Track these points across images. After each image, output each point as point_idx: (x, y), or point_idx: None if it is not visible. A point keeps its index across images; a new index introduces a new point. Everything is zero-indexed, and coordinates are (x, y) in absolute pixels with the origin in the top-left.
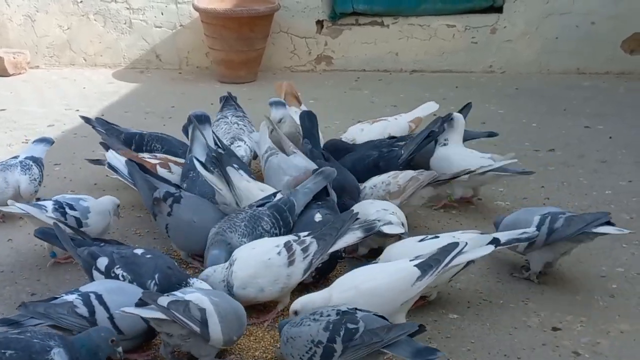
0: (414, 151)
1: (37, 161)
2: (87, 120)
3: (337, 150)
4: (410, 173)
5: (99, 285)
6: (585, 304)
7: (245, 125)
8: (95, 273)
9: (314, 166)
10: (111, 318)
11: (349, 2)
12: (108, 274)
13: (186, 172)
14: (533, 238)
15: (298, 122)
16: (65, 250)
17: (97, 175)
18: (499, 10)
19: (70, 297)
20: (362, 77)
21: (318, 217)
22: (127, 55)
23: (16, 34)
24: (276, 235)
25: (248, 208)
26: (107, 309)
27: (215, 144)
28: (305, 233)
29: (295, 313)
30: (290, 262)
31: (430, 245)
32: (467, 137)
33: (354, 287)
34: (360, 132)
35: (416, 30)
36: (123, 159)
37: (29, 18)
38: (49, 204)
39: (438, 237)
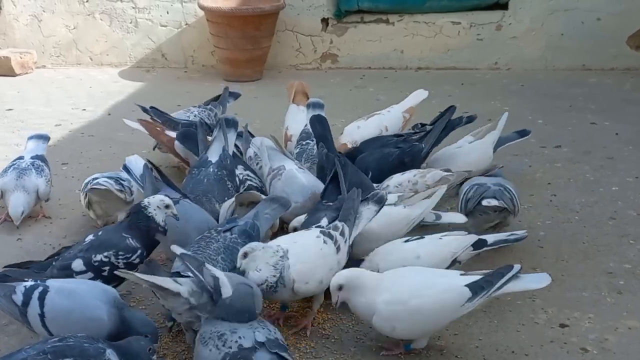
0: (433, 144)
1: (45, 160)
2: (144, 109)
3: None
4: (439, 173)
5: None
6: (593, 300)
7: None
8: None
9: (320, 186)
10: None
11: (354, 0)
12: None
13: (192, 169)
14: (521, 239)
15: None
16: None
17: None
18: (504, 7)
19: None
20: (367, 74)
21: (325, 221)
22: (133, 54)
23: (23, 33)
24: None
25: (215, 233)
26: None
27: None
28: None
29: (340, 288)
30: (338, 249)
31: (415, 247)
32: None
33: (401, 302)
34: (357, 130)
35: (421, 27)
36: (141, 165)
37: (35, 18)
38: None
39: (423, 237)
